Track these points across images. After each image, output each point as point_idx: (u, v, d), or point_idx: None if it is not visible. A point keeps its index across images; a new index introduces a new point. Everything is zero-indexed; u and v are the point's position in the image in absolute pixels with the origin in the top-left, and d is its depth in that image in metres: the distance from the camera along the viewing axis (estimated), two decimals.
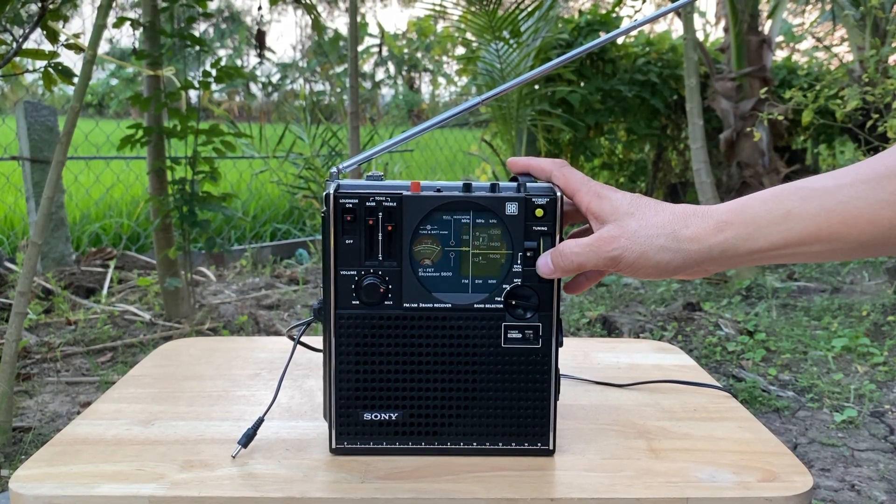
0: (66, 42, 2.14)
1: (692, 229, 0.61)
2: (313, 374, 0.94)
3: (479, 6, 4.34)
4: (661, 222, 0.62)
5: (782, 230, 0.58)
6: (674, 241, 0.61)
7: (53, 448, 0.72)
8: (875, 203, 0.55)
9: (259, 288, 3.90)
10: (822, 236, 0.58)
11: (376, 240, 0.68)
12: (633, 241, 0.62)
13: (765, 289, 3.74)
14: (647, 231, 0.62)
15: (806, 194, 0.58)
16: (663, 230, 0.61)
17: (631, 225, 0.62)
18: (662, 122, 6.91)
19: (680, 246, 0.61)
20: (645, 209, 0.63)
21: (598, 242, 0.63)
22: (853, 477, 2.01)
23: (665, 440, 0.76)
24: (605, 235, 0.63)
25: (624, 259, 0.62)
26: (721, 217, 0.60)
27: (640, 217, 0.62)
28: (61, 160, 2.12)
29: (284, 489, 0.65)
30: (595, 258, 0.63)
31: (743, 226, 0.59)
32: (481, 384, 0.71)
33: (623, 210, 0.63)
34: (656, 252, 0.61)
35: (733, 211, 0.60)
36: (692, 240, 0.61)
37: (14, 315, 2.05)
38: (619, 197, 0.64)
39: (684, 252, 0.61)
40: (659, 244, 0.61)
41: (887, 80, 3.55)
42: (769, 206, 0.59)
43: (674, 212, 0.62)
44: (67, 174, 4.67)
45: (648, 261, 0.62)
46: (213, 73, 2.90)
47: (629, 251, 0.62)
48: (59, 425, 2.23)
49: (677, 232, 0.61)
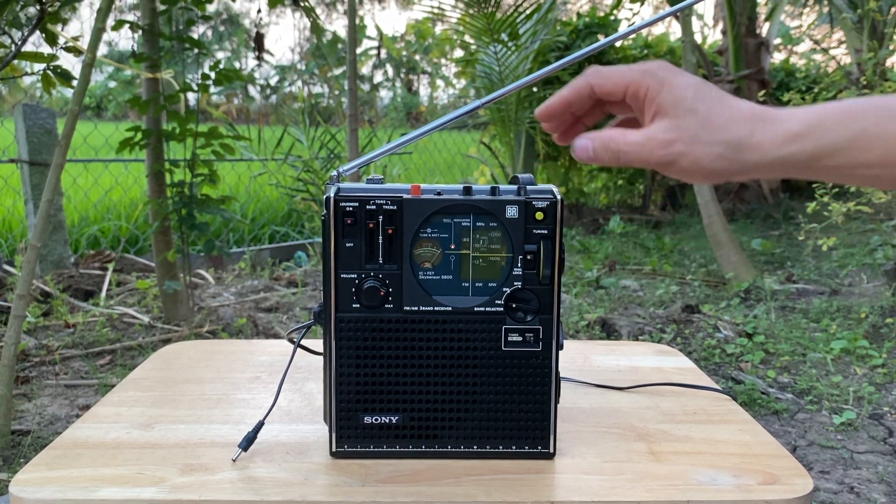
0: (65, 45, 2.15)
1: (758, 138, 0.54)
2: (313, 377, 0.94)
3: (478, 9, 4.35)
4: (726, 125, 0.55)
5: (854, 150, 0.54)
6: (735, 150, 0.55)
7: (53, 451, 0.72)
8: None
9: (258, 290, 3.90)
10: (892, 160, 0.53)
11: (377, 243, 0.68)
12: (691, 147, 0.55)
13: (763, 291, 3.74)
14: (708, 135, 0.55)
15: (885, 114, 0.53)
16: (726, 136, 0.55)
17: (691, 126, 0.55)
18: None
19: (740, 156, 0.55)
20: (710, 104, 0.55)
21: (651, 144, 0.56)
22: (852, 479, 2.01)
23: (665, 443, 0.76)
24: (661, 137, 0.56)
25: (676, 165, 0.56)
26: (792, 128, 0.54)
27: (703, 116, 0.55)
28: (60, 163, 2.12)
29: (285, 492, 0.65)
30: (645, 159, 0.56)
31: (813, 140, 0.54)
32: (482, 387, 0.71)
33: (686, 104, 0.55)
34: (713, 161, 0.55)
35: (806, 123, 0.54)
36: (755, 149, 0.55)
37: (13, 318, 2.04)
38: (682, 84, 0.56)
39: (742, 161, 0.55)
40: (717, 152, 0.55)
41: (885, 82, 3.56)
42: (845, 123, 0.54)
43: (740, 112, 0.55)
44: (66, 177, 4.67)
45: (702, 169, 0.55)
46: (212, 76, 2.90)
47: (684, 157, 0.55)
48: (58, 429, 2.23)
49: (741, 140, 0.55)
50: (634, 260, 4.70)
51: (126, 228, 4.74)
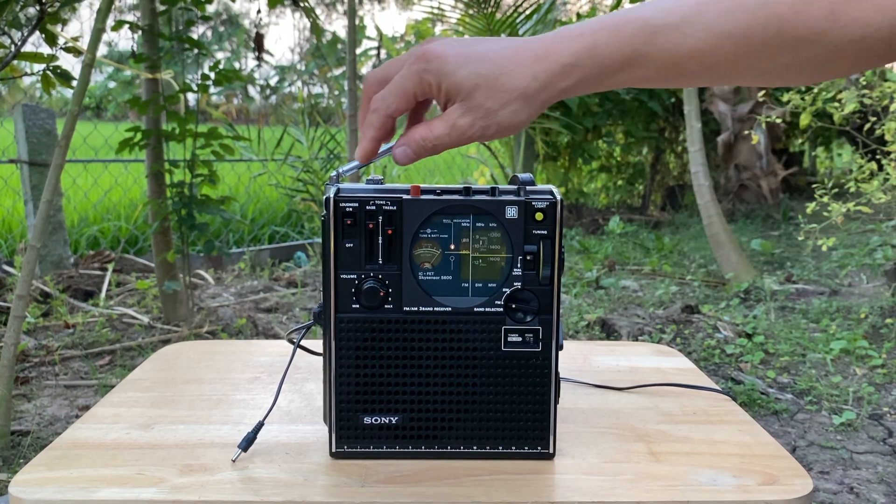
0: (65, 45, 2.15)
1: (541, 80, 0.58)
2: (313, 377, 0.94)
3: (477, 9, 4.35)
4: (510, 83, 0.57)
5: (629, 68, 0.57)
6: (528, 98, 0.58)
7: (53, 452, 0.72)
8: (718, 35, 0.55)
9: (257, 291, 3.90)
10: (668, 75, 0.58)
11: (376, 243, 0.68)
12: (490, 118, 0.58)
13: (763, 291, 3.74)
14: (500, 101, 0.58)
15: (653, 30, 0.56)
16: (515, 93, 0.58)
17: (481, 100, 0.58)
18: (660, 125, 6.92)
19: (534, 100, 0.58)
20: (487, 70, 0.58)
21: (456, 130, 0.59)
22: (852, 479, 2.01)
23: (665, 443, 0.76)
24: (460, 122, 0.59)
25: (488, 135, 0.59)
26: (567, 61, 0.57)
27: (486, 86, 0.58)
28: (60, 163, 2.12)
29: (285, 493, 0.65)
30: (459, 142, 0.60)
31: (589, 68, 0.57)
32: (481, 388, 0.71)
33: (468, 85, 0.58)
34: (514, 115, 0.58)
35: (578, 53, 0.57)
36: (543, 89, 0.58)
37: (12, 318, 2.04)
38: (455, 66, 0.58)
39: (536, 103, 0.59)
40: (513, 108, 0.58)
41: (885, 82, 3.56)
42: (616, 47, 0.57)
43: (518, 60, 0.58)
44: (65, 177, 4.67)
45: (507, 128, 0.59)
46: (212, 76, 2.90)
47: (489, 128, 0.59)
48: (58, 429, 2.22)
49: (528, 89, 0.58)
50: (634, 260, 4.70)
51: (126, 229, 4.74)
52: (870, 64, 0.56)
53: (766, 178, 6.40)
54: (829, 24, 0.53)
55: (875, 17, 0.52)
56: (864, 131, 3.84)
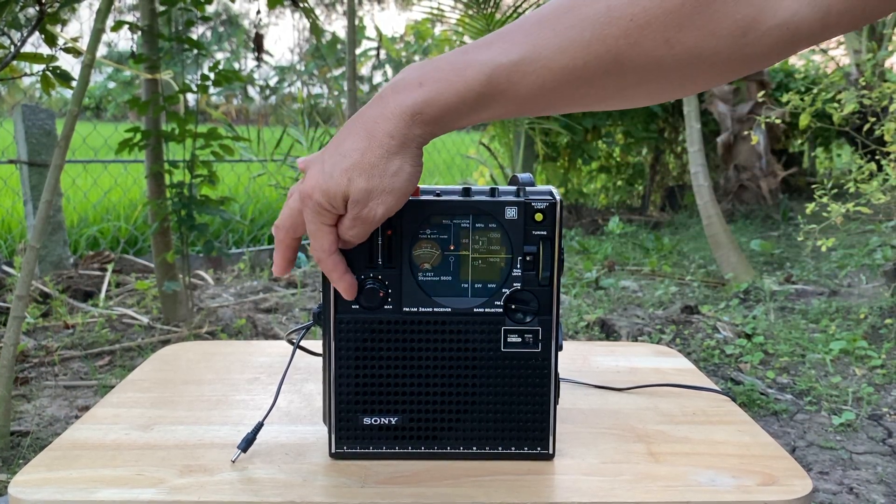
0: (65, 46, 2.14)
1: (396, 135, 0.57)
2: (312, 378, 0.94)
3: (477, 9, 4.35)
4: (374, 156, 0.58)
5: (483, 111, 0.58)
6: (398, 154, 0.58)
7: (52, 453, 0.72)
8: (559, 72, 0.55)
9: (257, 291, 3.90)
10: (527, 108, 0.58)
11: (376, 244, 0.68)
12: (379, 195, 0.59)
13: (762, 292, 3.74)
14: (376, 174, 0.58)
15: (490, 72, 0.56)
16: (383, 159, 0.58)
17: (361, 184, 0.58)
18: (660, 125, 6.92)
19: (404, 152, 0.58)
20: (354, 163, 0.58)
21: (358, 220, 0.60)
22: (851, 480, 2.01)
23: (664, 444, 0.76)
24: (357, 214, 0.60)
25: (389, 211, 0.60)
26: (412, 111, 0.57)
27: (359, 173, 0.58)
28: (60, 164, 2.12)
29: (284, 494, 0.65)
30: (369, 229, 0.61)
31: (437, 114, 0.57)
32: (481, 388, 0.71)
33: (344, 186, 0.59)
34: (396, 179, 0.58)
35: (423, 103, 0.57)
36: (404, 141, 0.58)
37: (12, 319, 2.04)
38: (327, 185, 0.59)
39: (410, 151, 0.58)
40: (392, 172, 0.58)
41: (884, 83, 3.57)
42: (460, 92, 0.56)
43: (370, 133, 0.58)
44: (65, 177, 4.67)
45: (403, 189, 0.59)
46: (212, 77, 2.90)
47: (386, 203, 0.59)
48: (58, 429, 2.22)
49: (391, 147, 0.58)
50: (634, 260, 4.70)
51: (125, 229, 4.74)
52: (719, 80, 0.57)
53: (766, 179, 6.40)
54: (666, 51, 0.54)
55: (709, 41, 0.53)
56: (863, 132, 3.84)
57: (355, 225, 0.60)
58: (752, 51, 0.53)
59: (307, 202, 0.60)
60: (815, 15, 0.51)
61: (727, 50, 0.53)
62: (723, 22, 0.52)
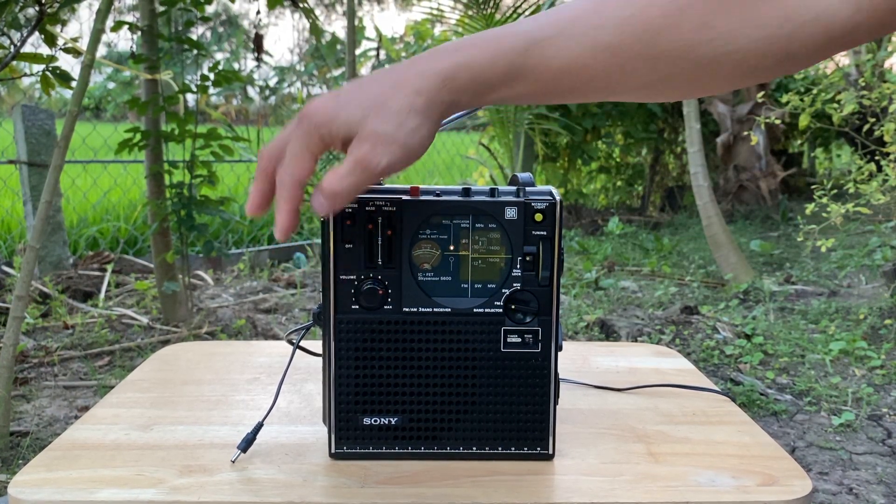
0: (64, 46, 2.15)
1: (424, 94, 0.56)
2: (312, 378, 0.94)
3: (477, 10, 4.35)
4: (398, 103, 0.56)
5: (508, 87, 0.57)
6: (419, 114, 0.56)
7: (52, 453, 0.72)
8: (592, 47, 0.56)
9: (257, 291, 3.90)
10: (548, 90, 0.58)
11: (376, 244, 0.68)
12: (388, 141, 0.55)
13: (762, 292, 3.75)
14: (392, 121, 0.55)
15: (526, 43, 0.56)
16: (404, 110, 0.56)
17: (373, 126, 0.55)
18: (659, 125, 6.92)
19: (426, 115, 0.56)
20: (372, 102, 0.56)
21: (359, 166, 0.56)
22: (851, 480, 2.01)
23: (664, 444, 0.76)
24: (361, 156, 0.56)
25: (393, 163, 0.56)
26: (446, 74, 0.56)
27: (374, 113, 0.56)
28: (59, 164, 2.12)
29: (284, 494, 0.65)
30: (367, 177, 0.57)
31: (467, 82, 0.56)
32: (481, 389, 0.71)
33: (356, 119, 0.56)
34: (412, 133, 0.56)
35: (457, 67, 0.56)
36: (429, 104, 0.56)
37: (11, 319, 2.04)
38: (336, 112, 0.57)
39: (431, 117, 0.57)
40: (411, 126, 0.56)
41: (884, 84, 3.57)
42: (494, 59, 0.56)
43: (399, 82, 0.56)
44: (65, 177, 4.67)
45: (413, 147, 0.56)
46: (211, 77, 2.90)
47: (392, 153, 0.56)
48: (57, 430, 2.22)
49: (415, 104, 0.56)
50: (633, 261, 4.70)
51: (125, 229, 4.74)
52: (748, 79, 0.57)
53: (766, 179, 6.41)
54: (700, 37, 0.54)
55: (746, 30, 0.53)
56: (863, 132, 3.84)
57: (353, 172, 0.56)
58: (785, 46, 0.53)
59: (303, 120, 0.57)
60: (846, 10, 0.51)
61: (762, 42, 0.53)
62: (762, 9, 0.53)
